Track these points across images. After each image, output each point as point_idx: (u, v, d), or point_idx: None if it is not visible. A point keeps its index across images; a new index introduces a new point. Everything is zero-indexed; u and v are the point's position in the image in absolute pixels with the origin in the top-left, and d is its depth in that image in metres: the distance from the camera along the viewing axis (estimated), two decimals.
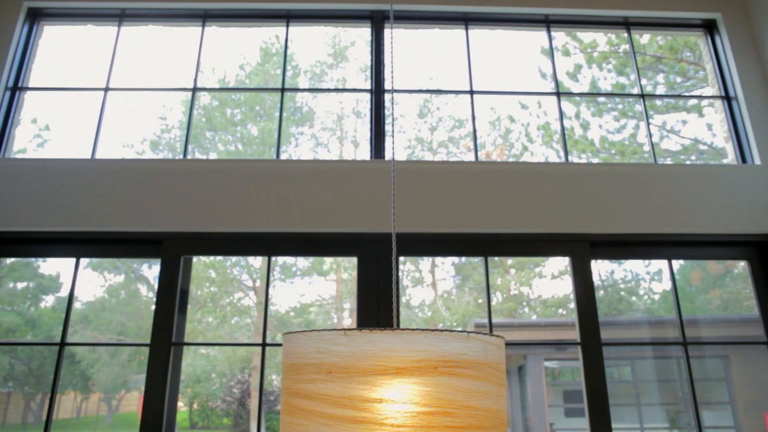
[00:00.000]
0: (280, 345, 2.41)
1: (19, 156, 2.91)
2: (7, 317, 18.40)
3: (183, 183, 2.70)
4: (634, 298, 17.09)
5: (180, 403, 20.67)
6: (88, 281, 19.23)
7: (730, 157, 3.12)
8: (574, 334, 2.61)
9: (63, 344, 2.60)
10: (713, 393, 11.47)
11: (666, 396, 12.68)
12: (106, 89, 3.15)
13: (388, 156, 2.95)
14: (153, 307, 2.55)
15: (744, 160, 3.02)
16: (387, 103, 3.04)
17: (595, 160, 11.45)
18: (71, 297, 2.71)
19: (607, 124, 14.38)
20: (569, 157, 3.16)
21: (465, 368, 0.98)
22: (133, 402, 20.98)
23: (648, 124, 3.30)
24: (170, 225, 2.63)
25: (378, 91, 3.07)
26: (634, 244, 2.79)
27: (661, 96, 4.08)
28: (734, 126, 3.12)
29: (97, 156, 3.02)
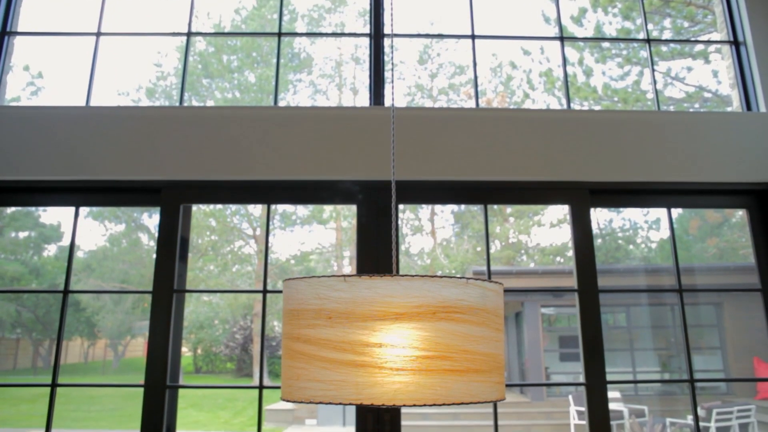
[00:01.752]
0: (280, 292, 2.44)
1: (13, 104, 2.86)
2: (11, 266, 18.62)
3: (181, 131, 2.66)
4: (631, 247, 17.27)
5: (184, 349, 21.23)
6: (89, 230, 19.36)
7: (735, 104, 3.07)
8: (571, 282, 2.64)
9: (66, 292, 2.63)
10: (705, 338, 11.75)
11: (658, 341, 13.00)
12: (98, 34, 3.07)
13: (387, 103, 2.90)
14: (154, 255, 2.57)
15: (749, 108, 2.98)
16: (387, 49, 2.97)
17: (597, 108, 11.29)
18: (72, 246, 2.73)
19: (611, 71, 14.11)
20: (571, 105, 3.11)
21: (463, 314, 0.99)
22: (138, 348, 21.51)
23: (653, 70, 3.23)
24: (169, 173, 2.62)
25: (377, 36, 2.99)
26: (633, 192, 2.79)
27: (667, 41, 3.97)
28: (741, 72, 3.05)
29: (92, 104, 2.97)
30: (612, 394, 9.46)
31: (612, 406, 8.73)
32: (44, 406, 2.51)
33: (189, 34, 3.11)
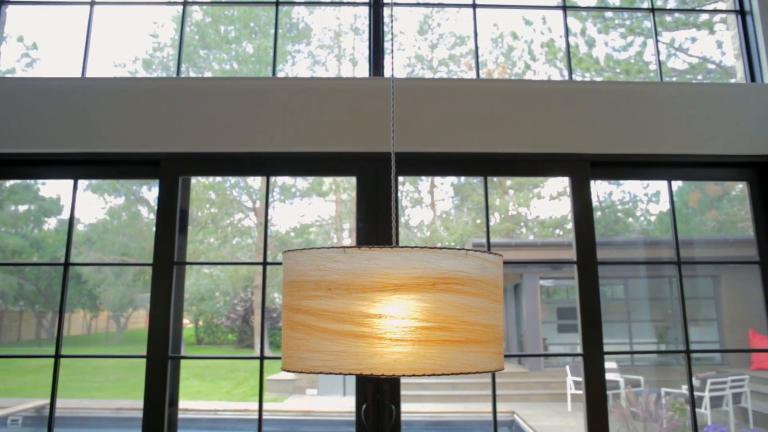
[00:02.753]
0: (280, 264, 2.45)
1: (8, 76, 2.82)
2: (11, 239, 18.65)
3: (179, 102, 2.64)
4: (630, 220, 17.30)
5: (186, 321, 21.44)
6: (89, 203, 19.35)
7: (739, 75, 3.03)
8: (570, 254, 2.65)
9: (67, 264, 2.64)
10: (702, 310, 11.85)
11: (656, 313, 13.12)
12: (92, 3, 3.01)
13: (387, 74, 2.87)
14: (154, 228, 2.57)
15: (753, 79, 2.94)
16: (386, 19, 2.92)
17: (599, 79, 11.17)
18: (72, 219, 2.72)
19: (614, 42, 13.92)
20: (573, 76, 3.07)
21: (463, 285, 0.99)
22: (140, 319, 21.73)
23: (656, 41, 3.18)
24: (167, 145, 2.60)
25: (377, 5, 2.93)
26: (634, 164, 2.77)
27: (672, 10, 3.90)
28: (746, 43, 3.01)
29: (88, 75, 2.93)
30: (608, 364, 9.59)
31: (608, 376, 8.85)
32: (49, 376, 2.55)
33: (185, 3, 3.06)
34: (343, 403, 10.19)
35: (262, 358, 2.52)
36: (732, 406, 7.91)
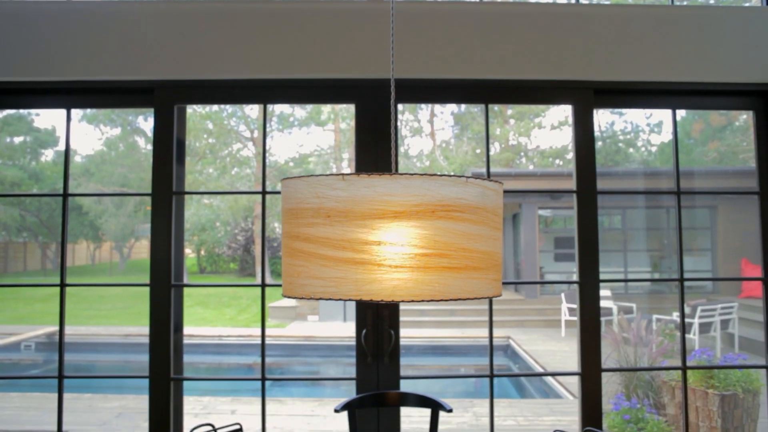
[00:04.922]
0: (279, 193, 2.44)
1: None
2: (9, 171, 18.57)
3: (171, 28, 2.54)
4: (631, 150, 17.19)
5: (188, 251, 21.74)
6: (85, 135, 19.14)
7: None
8: (569, 184, 2.64)
9: (66, 195, 2.63)
10: (697, 240, 12.00)
11: (651, 243, 13.30)
12: None
13: None
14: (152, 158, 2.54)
15: None
16: None
17: (606, 2, 10.74)
18: (68, 149, 2.69)
19: None
20: None
21: (462, 212, 0.99)
22: (143, 250, 22.03)
23: None
24: (161, 73, 2.52)
25: None
26: (639, 92, 2.71)
27: None
28: None
29: None
30: (603, 292, 9.82)
31: (602, 303, 9.08)
32: (56, 305, 2.61)
33: None
34: (344, 329, 10.52)
35: (263, 285, 2.56)
36: (719, 332, 8.17)
